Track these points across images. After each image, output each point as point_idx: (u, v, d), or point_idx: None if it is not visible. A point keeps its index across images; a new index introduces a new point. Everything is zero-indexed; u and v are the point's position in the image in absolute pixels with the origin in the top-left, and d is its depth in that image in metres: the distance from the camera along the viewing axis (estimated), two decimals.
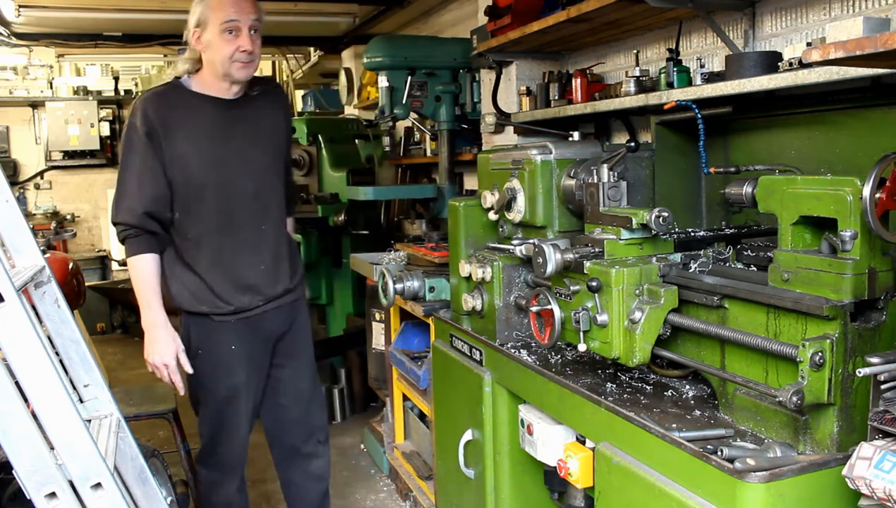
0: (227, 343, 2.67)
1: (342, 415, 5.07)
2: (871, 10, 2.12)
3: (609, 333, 1.94)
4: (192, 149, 2.55)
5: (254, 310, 2.69)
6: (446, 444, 2.96)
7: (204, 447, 2.80)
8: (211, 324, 2.65)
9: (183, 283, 2.62)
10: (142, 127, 2.51)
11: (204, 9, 2.52)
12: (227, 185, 2.61)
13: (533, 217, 2.54)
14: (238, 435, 2.76)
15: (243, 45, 2.51)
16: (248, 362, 2.71)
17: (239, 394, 2.71)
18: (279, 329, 2.80)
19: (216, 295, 2.62)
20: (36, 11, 5.38)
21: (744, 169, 2.21)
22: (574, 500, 2.32)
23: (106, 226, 10.38)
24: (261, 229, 2.69)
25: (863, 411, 1.54)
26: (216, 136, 2.60)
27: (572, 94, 3.15)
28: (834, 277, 1.56)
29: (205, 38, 2.54)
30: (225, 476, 2.79)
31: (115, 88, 10.10)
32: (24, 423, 1.43)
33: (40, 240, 6.81)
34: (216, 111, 2.61)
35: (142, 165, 2.52)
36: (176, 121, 2.54)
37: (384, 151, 5.25)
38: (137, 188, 2.52)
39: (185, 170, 2.55)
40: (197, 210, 2.58)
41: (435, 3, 5.43)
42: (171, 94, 2.60)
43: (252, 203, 2.66)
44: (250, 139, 2.66)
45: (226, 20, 2.49)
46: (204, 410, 2.75)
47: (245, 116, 2.66)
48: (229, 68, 2.54)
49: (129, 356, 7.22)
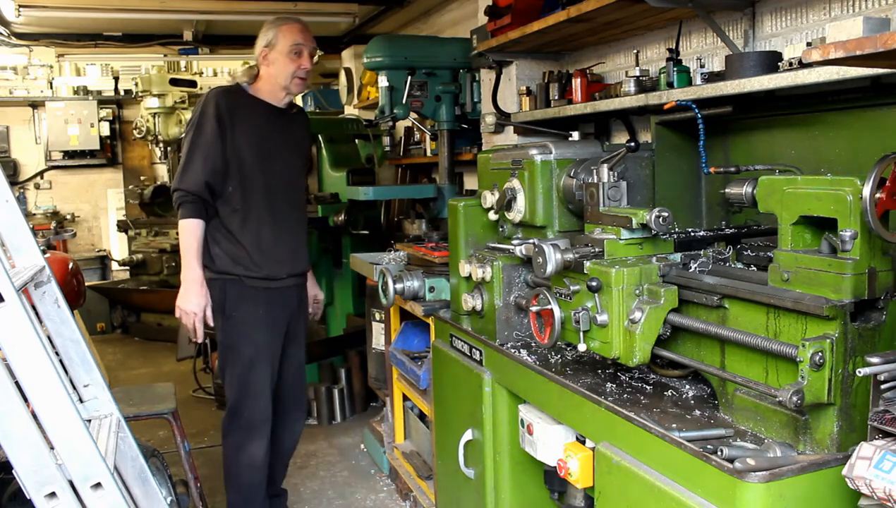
0: (255, 307, 3.09)
1: (342, 415, 5.07)
2: (871, 10, 2.12)
3: (609, 333, 1.94)
4: (248, 138, 3.07)
5: (279, 282, 3.13)
6: (446, 444, 2.96)
7: (230, 409, 3.14)
8: (243, 289, 3.08)
9: (224, 249, 3.07)
10: (213, 113, 3.00)
11: (276, 32, 3.09)
12: (271, 173, 3.11)
13: (533, 217, 2.54)
14: (262, 397, 3.11)
15: (304, 65, 3.11)
16: (271, 328, 3.14)
17: (261, 357, 3.10)
18: (294, 304, 3.26)
19: (252, 260, 3.06)
20: (36, 11, 5.38)
21: (744, 169, 2.21)
22: (574, 500, 2.31)
23: (106, 225, 10.38)
24: (290, 215, 3.21)
25: (863, 411, 1.54)
26: (266, 133, 3.13)
27: (572, 94, 3.15)
28: (834, 277, 1.56)
29: (272, 56, 3.10)
30: (251, 436, 3.11)
31: (115, 88, 10.09)
32: (24, 423, 1.43)
33: (40, 240, 6.81)
34: (268, 113, 3.15)
35: (209, 143, 3.00)
36: (239, 114, 3.06)
37: (384, 151, 5.25)
38: (202, 161, 2.99)
39: (242, 152, 3.05)
40: (248, 186, 3.07)
41: (435, 3, 5.44)
42: (236, 93, 3.14)
43: (286, 193, 3.19)
44: (287, 142, 3.22)
45: (294, 43, 3.08)
46: (231, 371, 3.12)
47: (285, 124, 3.22)
48: (289, 83, 3.12)
49: (129, 356, 7.23)
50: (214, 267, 3.09)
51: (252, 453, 3.13)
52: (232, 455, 3.16)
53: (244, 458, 3.13)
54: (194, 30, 6.32)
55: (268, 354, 3.13)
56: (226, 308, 3.09)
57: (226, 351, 3.14)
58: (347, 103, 6.57)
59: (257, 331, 3.10)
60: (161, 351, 7.23)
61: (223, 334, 3.12)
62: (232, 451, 3.16)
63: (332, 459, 4.42)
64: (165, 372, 6.45)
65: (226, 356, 3.15)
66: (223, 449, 3.22)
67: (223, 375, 3.21)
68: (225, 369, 3.16)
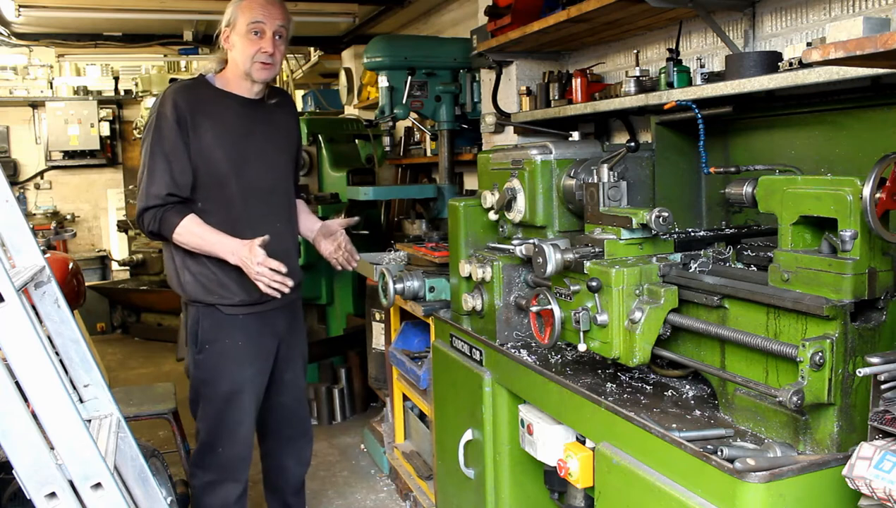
0: (235, 337, 2.71)
1: (342, 415, 5.08)
2: (871, 10, 2.12)
3: (609, 333, 1.94)
4: (216, 141, 2.64)
5: (261, 305, 2.72)
6: (446, 444, 2.96)
7: (201, 445, 2.77)
8: (220, 317, 2.69)
9: (194, 274, 2.67)
10: (171, 115, 2.59)
11: (235, 10, 2.66)
12: (246, 178, 2.69)
13: (533, 217, 2.54)
14: (239, 433, 2.75)
15: (265, 47, 2.63)
16: (254, 359, 2.76)
17: (243, 391, 2.73)
18: (284, 329, 2.87)
19: (225, 285, 2.67)
20: (36, 11, 5.38)
21: (744, 169, 2.21)
22: (574, 500, 2.32)
23: (106, 225, 10.39)
24: (275, 225, 2.75)
25: (863, 411, 1.54)
26: (238, 131, 2.70)
27: (572, 94, 3.15)
28: (834, 277, 1.56)
29: (232, 38, 2.66)
30: (226, 476, 2.75)
31: (115, 88, 10.11)
32: (24, 423, 1.43)
33: (40, 240, 6.81)
34: (238, 108, 2.72)
35: (170, 150, 2.58)
36: (203, 113, 2.64)
37: (384, 151, 5.25)
38: (164, 171, 2.57)
39: (209, 159, 2.63)
40: (218, 199, 2.66)
41: (435, 3, 5.43)
42: (197, 88, 2.71)
43: (268, 197, 2.76)
44: (268, 138, 2.78)
45: (252, 21, 2.62)
46: (205, 406, 2.74)
47: (263, 117, 2.78)
48: (250, 68, 2.66)
49: (129, 356, 7.23)
50: (185, 295, 2.71)
51: (224, 496, 2.74)
52: (200, 498, 2.76)
53: (214, 502, 2.74)
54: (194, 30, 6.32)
55: (250, 388, 2.74)
56: (199, 339, 2.69)
57: (199, 386, 2.73)
58: (347, 103, 6.57)
59: (236, 365, 2.71)
60: (161, 351, 7.23)
61: (196, 368, 2.71)
62: (200, 493, 2.76)
63: (332, 459, 4.42)
64: (165, 372, 6.45)
65: (198, 390, 2.73)
66: (190, 491, 2.84)
67: (193, 409, 2.78)
68: (197, 402, 2.75)
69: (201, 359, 2.70)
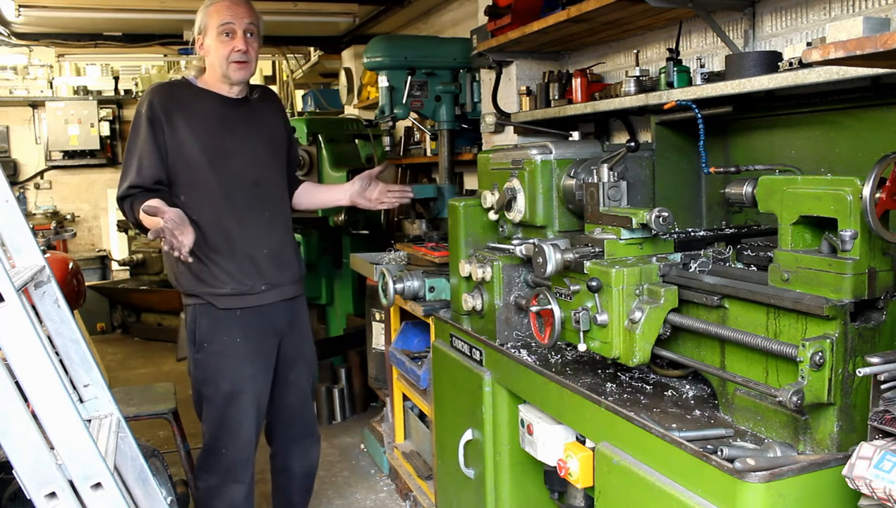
0: (233, 336, 2.72)
1: (342, 415, 5.08)
2: (871, 10, 2.12)
3: (609, 333, 1.93)
4: (192, 136, 2.68)
5: (256, 296, 2.75)
6: (446, 444, 2.96)
7: (205, 448, 2.78)
8: (218, 315, 2.71)
9: (188, 265, 2.66)
10: (146, 113, 2.66)
11: (204, 16, 2.75)
12: (227, 171, 2.73)
13: (533, 217, 2.54)
14: (242, 434, 2.75)
15: (238, 46, 2.69)
16: (254, 358, 2.77)
17: (244, 390, 2.74)
18: (283, 325, 2.87)
19: (216, 275, 2.70)
20: (36, 11, 5.38)
21: (744, 169, 2.21)
22: (574, 500, 2.31)
23: (106, 225, 10.39)
24: (264, 215, 2.80)
25: (863, 411, 1.54)
26: (217, 127, 2.75)
27: (572, 94, 3.15)
28: (834, 277, 1.56)
29: (206, 43, 2.75)
30: (228, 479, 2.75)
31: (115, 88, 10.10)
32: (24, 423, 1.43)
33: (40, 240, 6.81)
34: (218, 105, 2.77)
35: (142, 148, 2.65)
36: (178, 110, 2.69)
37: (384, 151, 5.25)
38: (137, 168, 2.65)
39: (186, 155, 2.68)
40: (201, 193, 2.70)
41: (435, 3, 5.43)
42: (177, 87, 2.80)
43: (253, 189, 2.78)
44: (251, 132, 2.81)
45: (221, 23, 2.70)
46: (207, 408, 2.77)
47: (245, 114, 2.82)
48: (227, 69, 2.72)
49: (129, 356, 7.23)
50: (180, 287, 2.75)
51: (230, 499, 2.75)
52: (205, 501, 2.77)
53: (221, 505, 2.75)
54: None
55: (251, 387, 2.75)
56: (196, 338, 2.72)
57: (200, 387, 2.76)
58: (347, 103, 6.57)
59: (236, 364, 2.72)
60: (161, 351, 7.23)
61: (196, 368, 2.74)
62: (205, 496, 2.77)
63: (332, 459, 4.42)
64: (165, 372, 6.45)
65: (200, 391, 2.77)
66: (195, 494, 2.86)
67: (198, 411, 2.81)
68: (200, 405, 2.79)
69: (200, 359, 2.73)
